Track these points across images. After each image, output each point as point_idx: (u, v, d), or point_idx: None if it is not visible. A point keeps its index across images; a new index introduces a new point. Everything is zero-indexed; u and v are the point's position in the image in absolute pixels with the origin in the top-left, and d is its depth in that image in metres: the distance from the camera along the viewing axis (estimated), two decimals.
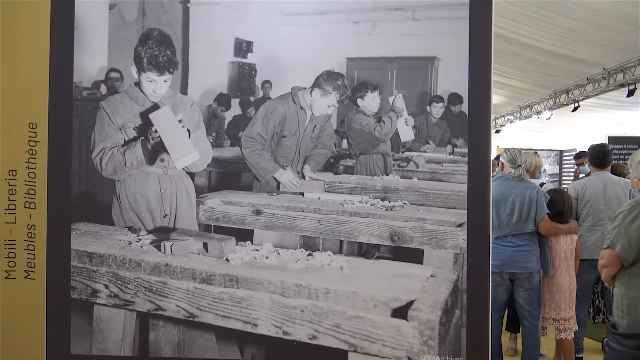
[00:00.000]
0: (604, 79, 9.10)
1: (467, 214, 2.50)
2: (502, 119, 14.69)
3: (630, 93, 8.67)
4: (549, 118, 11.95)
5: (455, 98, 2.51)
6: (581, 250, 4.37)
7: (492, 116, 9.51)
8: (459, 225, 2.51)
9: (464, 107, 2.53)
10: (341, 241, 2.58)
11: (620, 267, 2.77)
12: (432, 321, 2.49)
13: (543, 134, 15.81)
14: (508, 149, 4.19)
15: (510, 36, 7.94)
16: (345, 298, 2.56)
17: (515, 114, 13.76)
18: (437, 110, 2.52)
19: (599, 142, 4.65)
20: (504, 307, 3.96)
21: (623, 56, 8.18)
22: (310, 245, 2.60)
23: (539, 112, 12.29)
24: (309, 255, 2.59)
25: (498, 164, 6.58)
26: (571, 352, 4.13)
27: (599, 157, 4.52)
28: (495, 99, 12.75)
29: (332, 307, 2.55)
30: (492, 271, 3.76)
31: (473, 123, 2.51)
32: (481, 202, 2.50)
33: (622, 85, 8.80)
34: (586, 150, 5.85)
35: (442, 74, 2.53)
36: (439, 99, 2.53)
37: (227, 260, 2.63)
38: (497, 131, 15.49)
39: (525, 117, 13.25)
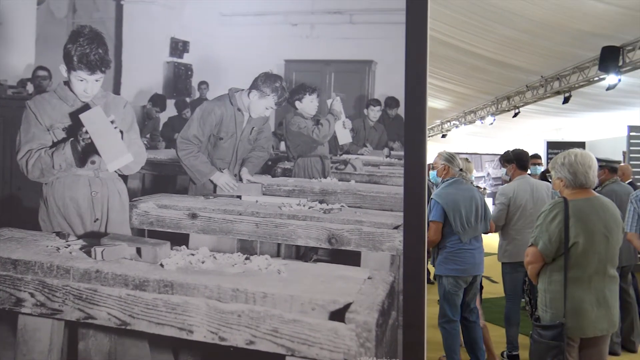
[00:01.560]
0: (542, 87, 9.48)
1: (403, 216, 2.54)
2: (448, 124, 15.08)
3: (566, 100, 9.08)
4: (491, 123, 12.35)
5: (392, 102, 2.54)
6: (512, 253, 4.52)
7: (439, 121, 9.77)
8: (396, 228, 2.54)
9: (401, 110, 2.57)
10: (279, 244, 2.56)
11: (543, 264, 2.91)
12: (369, 323, 2.51)
13: (487, 139, 16.34)
14: (449, 153, 4.29)
15: (454, 43, 8.16)
16: (282, 302, 2.54)
17: (460, 119, 14.15)
18: (374, 113, 2.54)
19: (518, 148, 4.83)
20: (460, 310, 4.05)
21: (559, 65, 8.54)
22: (247, 249, 2.57)
23: (482, 118, 12.68)
24: (246, 259, 2.56)
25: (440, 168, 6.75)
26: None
27: (525, 160, 4.72)
28: (441, 104, 13.07)
29: (270, 312, 2.53)
30: (457, 276, 3.89)
31: (409, 126, 2.55)
32: (417, 205, 2.54)
33: (558, 93, 9.20)
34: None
35: (379, 78, 2.55)
36: (376, 102, 2.55)
37: (162, 265, 2.56)
38: (444, 136, 15.89)
39: (470, 122, 13.65)
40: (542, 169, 6.66)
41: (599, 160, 5.21)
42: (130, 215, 2.63)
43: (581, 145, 10.76)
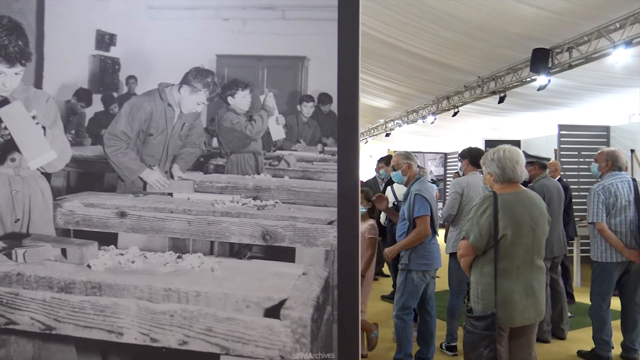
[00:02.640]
0: (479, 87, 9.82)
1: (337, 212, 2.55)
2: (392, 122, 15.34)
3: (501, 100, 9.44)
4: (432, 122, 12.67)
5: (325, 98, 2.55)
6: (454, 246, 4.67)
7: (383, 120, 9.88)
8: (330, 223, 2.55)
9: (334, 107, 2.58)
10: (212, 242, 2.52)
11: (475, 256, 3.00)
12: (304, 319, 2.51)
13: (429, 138, 16.77)
14: (407, 152, 4.45)
15: (396, 44, 8.31)
16: (216, 300, 2.51)
17: (403, 118, 14.43)
18: (307, 109, 2.54)
19: (475, 146, 5.00)
20: None
21: (494, 66, 8.87)
22: (179, 247, 2.51)
23: (424, 117, 12.99)
24: (178, 257, 2.51)
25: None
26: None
27: (478, 157, 4.87)
28: (384, 103, 13.30)
29: (203, 310, 2.49)
30: (426, 270, 4.08)
31: (342, 122, 2.57)
32: (350, 200, 2.57)
33: (494, 93, 9.55)
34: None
35: (312, 74, 2.56)
36: (309, 98, 2.55)
37: (89, 266, 2.46)
38: (387, 134, 16.16)
39: (412, 122, 13.94)
40: None
41: (529, 156, 5.51)
42: (54, 215, 2.52)
43: (517, 143, 11.19)
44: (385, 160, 6.83)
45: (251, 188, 2.54)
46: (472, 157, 4.88)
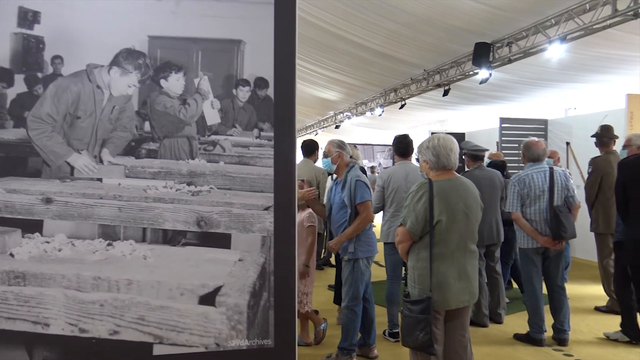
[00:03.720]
0: (425, 80, 10.00)
1: (273, 197, 2.54)
2: (341, 115, 15.42)
3: (446, 92, 9.66)
4: (380, 114, 12.81)
5: (261, 82, 2.51)
6: (387, 235, 4.76)
7: (332, 112, 9.88)
8: (266, 209, 2.53)
9: (270, 91, 2.55)
10: (144, 229, 2.45)
11: (412, 242, 3.07)
12: (240, 305, 2.49)
13: (378, 130, 16.98)
14: (340, 140, 4.44)
15: (344, 35, 8.33)
16: (149, 288, 2.45)
17: (352, 111, 14.52)
18: (243, 94, 2.50)
19: (402, 133, 5.05)
20: None
21: (439, 59, 9.05)
22: (109, 234, 2.43)
23: (372, 109, 13.11)
24: (108, 245, 2.42)
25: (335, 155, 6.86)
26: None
27: (403, 147, 4.96)
28: (333, 95, 13.34)
29: (135, 299, 2.43)
30: (370, 257, 4.18)
31: (279, 107, 2.55)
32: (287, 185, 2.56)
33: (439, 85, 9.75)
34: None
35: (248, 58, 2.51)
36: (245, 82, 2.51)
37: (12, 255, 2.35)
38: (337, 127, 16.24)
39: (361, 114, 14.06)
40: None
41: (463, 148, 5.67)
42: None
43: (461, 135, 11.51)
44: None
45: (185, 173, 2.48)
46: (396, 146, 4.98)
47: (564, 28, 6.31)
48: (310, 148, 6.46)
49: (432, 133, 11.75)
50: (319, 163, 5.61)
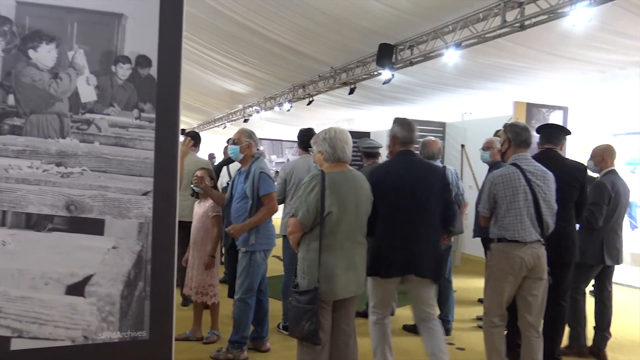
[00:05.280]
0: (332, 77, 10.12)
1: (153, 182, 2.42)
2: (250, 108, 15.24)
3: (351, 91, 9.84)
4: (289, 110, 12.81)
5: (143, 61, 2.38)
6: (287, 228, 4.76)
7: (241, 106, 9.68)
8: (145, 194, 2.40)
9: (153, 71, 2.43)
10: (4, 212, 2.23)
11: (303, 233, 3.09)
12: (112, 295, 2.36)
13: (287, 126, 16.95)
14: (250, 130, 4.39)
15: (253, 27, 8.21)
16: (8, 277, 2.24)
17: (261, 105, 14.40)
18: (123, 71, 2.35)
19: (307, 127, 5.07)
20: None
21: (346, 57, 9.20)
22: None
23: (280, 104, 13.08)
24: None
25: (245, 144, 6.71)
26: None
27: (306, 140, 4.96)
28: (242, 88, 13.15)
29: None
30: (268, 249, 4.15)
31: (162, 88, 2.43)
32: (169, 170, 2.45)
33: (345, 84, 9.91)
34: None
35: (130, 34, 2.36)
36: (126, 59, 2.36)
37: None
38: (245, 120, 16.03)
39: (269, 108, 13.97)
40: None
41: (357, 146, 5.80)
42: None
43: (367, 134, 11.80)
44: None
45: (54, 153, 2.29)
46: (300, 139, 5.01)
47: (460, 35, 6.65)
48: (194, 140, 6.36)
49: None
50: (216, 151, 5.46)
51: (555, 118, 8.35)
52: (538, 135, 4.37)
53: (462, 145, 9.42)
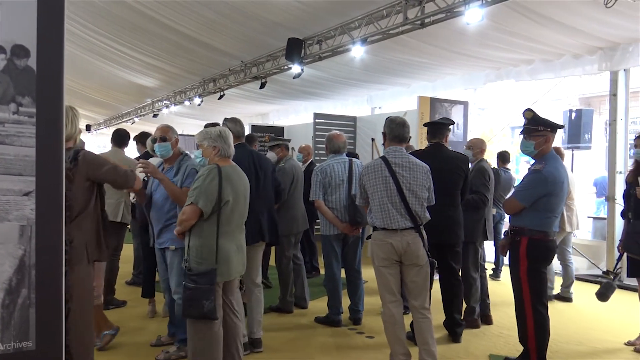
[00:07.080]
0: (243, 71, 9.99)
1: (35, 182, 2.25)
2: (160, 103, 14.70)
3: (262, 85, 9.77)
4: (199, 104, 12.51)
5: (20, 51, 2.19)
6: None
7: (150, 100, 9.32)
8: (26, 194, 2.23)
9: (32, 62, 2.25)
10: None
11: (197, 220, 3.37)
12: None
13: (199, 121, 16.50)
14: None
15: (161, 20, 7.90)
16: None
17: (170, 99, 13.94)
18: None
19: (212, 122, 5.07)
20: None
21: (256, 51, 9.11)
22: None
23: (190, 98, 12.74)
24: None
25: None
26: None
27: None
28: (150, 82, 12.65)
29: None
30: None
31: (42, 81, 2.26)
32: (53, 169, 2.29)
33: (256, 78, 9.82)
34: None
35: (4, 21, 2.16)
36: (1, 49, 2.18)
37: None
38: (155, 115, 15.46)
39: (179, 103, 13.56)
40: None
41: (275, 139, 5.95)
42: None
43: (280, 129, 11.80)
44: (139, 138, 6.49)
45: None
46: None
47: (366, 31, 6.80)
48: (122, 138, 6.17)
49: (252, 126, 11.84)
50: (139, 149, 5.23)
51: (456, 112, 8.80)
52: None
53: (373, 139, 9.68)
